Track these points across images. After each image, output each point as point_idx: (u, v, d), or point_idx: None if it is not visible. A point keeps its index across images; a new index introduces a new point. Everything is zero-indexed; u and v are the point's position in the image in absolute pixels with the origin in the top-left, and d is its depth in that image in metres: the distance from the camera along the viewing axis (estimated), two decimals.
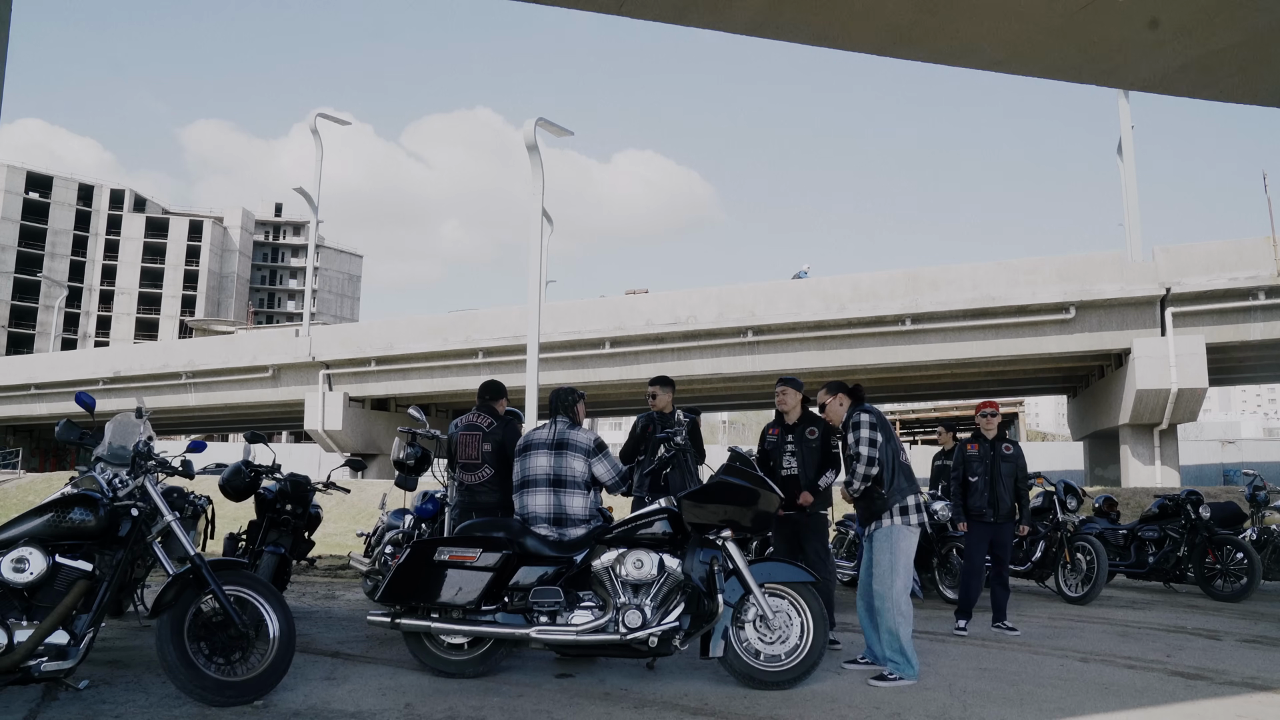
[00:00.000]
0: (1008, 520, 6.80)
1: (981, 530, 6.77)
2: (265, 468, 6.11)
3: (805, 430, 6.32)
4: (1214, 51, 6.27)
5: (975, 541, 6.81)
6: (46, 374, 40.24)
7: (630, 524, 4.72)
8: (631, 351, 27.72)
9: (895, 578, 4.95)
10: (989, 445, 6.87)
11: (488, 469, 5.47)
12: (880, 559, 5.02)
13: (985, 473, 6.77)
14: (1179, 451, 25.92)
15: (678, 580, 4.58)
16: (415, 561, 4.67)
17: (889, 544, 5.01)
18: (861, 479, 5.04)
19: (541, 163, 17.26)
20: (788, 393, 6.41)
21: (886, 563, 4.99)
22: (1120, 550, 9.42)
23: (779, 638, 4.64)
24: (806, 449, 6.25)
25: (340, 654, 5.28)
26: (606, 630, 4.52)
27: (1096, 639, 6.22)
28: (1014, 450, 6.91)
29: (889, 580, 4.96)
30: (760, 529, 4.76)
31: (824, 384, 5.53)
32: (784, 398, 6.40)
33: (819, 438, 6.25)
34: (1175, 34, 5.90)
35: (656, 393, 6.77)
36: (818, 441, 6.23)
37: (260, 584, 4.26)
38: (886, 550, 5.01)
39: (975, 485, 6.82)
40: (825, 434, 6.26)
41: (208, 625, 4.06)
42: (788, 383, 6.48)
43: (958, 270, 24.96)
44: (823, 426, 6.31)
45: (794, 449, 6.24)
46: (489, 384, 5.90)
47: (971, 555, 6.83)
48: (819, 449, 6.21)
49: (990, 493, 6.73)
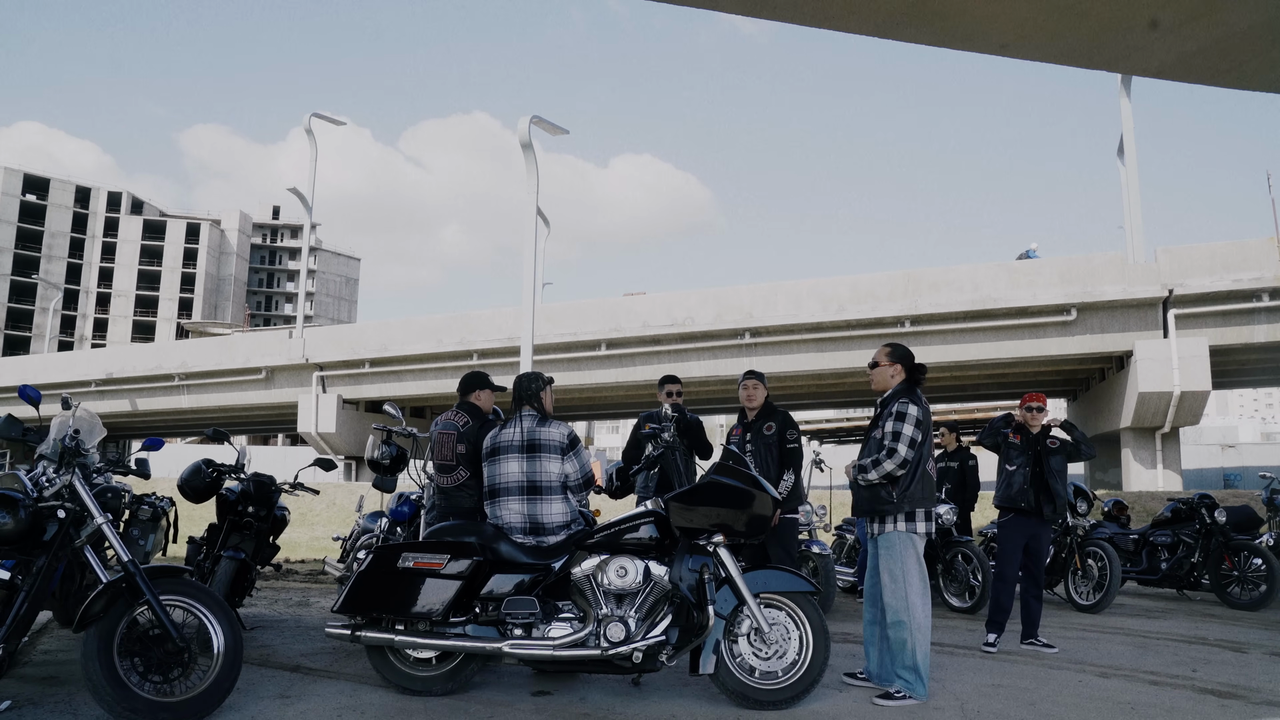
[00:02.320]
0: (1053, 521, 6.12)
1: (1018, 526, 6.03)
2: (228, 467, 5.71)
3: (763, 426, 6.00)
4: (1233, 34, 5.91)
5: (1007, 539, 6.06)
6: (38, 375, 39.73)
7: (614, 528, 4.34)
8: (628, 354, 27.34)
9: (909, 589, 4.54)
10: (1032, 438, 6.18)
11: (463, 471, 5.06)
12: (891, 568, 4.59)
13: (1026, 464, 6.05)
14: (1181, 455, 25.58)
15: (665, 590, 4.20)
16: (377, 568, 4.28)
17: (898, 553, 4.58)
18: (881, 474, 4.52)
19: (536, 160, 16.92)
20: (758, 387, 6.12)
21: (899, 573, 4.56)
22: (1131, 556, 9.03)
23: (776, 652, 4.25)
24: (763, 446, 5.91)
25: (301, 668, 4.88)
26: (587, 644, 4.13)
27: (1114, 651, 5.83)
28: (1059, 445, 6.25)
29: (902, 592, 4.54)
30: (755, 533, 4.36)
31: (889, 345, 4.87)
32: (753, 392, 6.12)
33: (775, 433, 5.92)
34: (1191, 15, 5.55)
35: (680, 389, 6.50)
36: (774, 437, 5.91)
37: (204, 593, 3.88)
38: (897, 559, 4.58)
39: (1013, 475, 6.07)
40: (782, 429, 5.94)
41: (143, 639, 3.67)
42: (756, 376, 6.17)
43: (958, 271, 24.61)
44: (780, 421, 5.99)
45: (752, 447, 5.90)
46: (466, 377, 5.43)
47: (1003, 556, 6.09)
48: (775, 445, 5.89)
49: (1038, 486, 5.99)
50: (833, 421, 47.85)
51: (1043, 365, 26.45)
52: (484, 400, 5.31)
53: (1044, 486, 6.04)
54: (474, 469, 4.98)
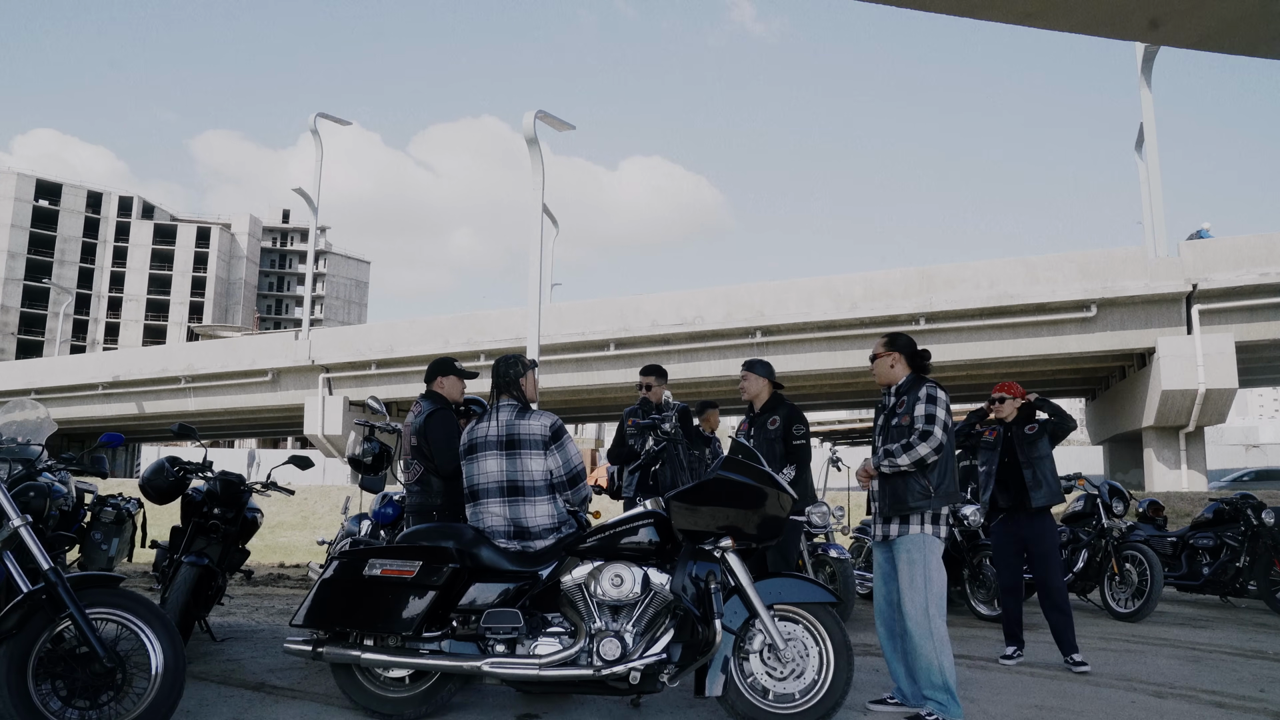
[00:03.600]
0: (1041, 512, 5.45)
1: (1006, 526, 5.57)
2: (194, 465, 5.24)
3: (767, 420, 5.54)
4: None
5: (998, 544, 5.68)
6: (46, 379, 39.64)
7: (608, 531, 3.84)
8: (637, 353, 26.83)
9: (928, 597, 4.04)
10: (1006, 429, 5.70)
11: (416, 466, 4.59)
12: (911, 571, 4.07)
13: (994, 459, 5.61)
14: (1206, 455, 24.93)
15: (666, 600, 3.70)
16: (341, 577, 3.81)
17: (920, 555, 4.07)
18: (913, 459, 4.01)
19: (541, 155, 16.47)
20: (749, 378, 5.67)
21: (920, 581, 4.04)
22: (1169, 560, 8.48)
23: (792, 671, 3.75)
24: (765, 440, 5.44)
25: (265, 686, 4.40)
26: (578, 663, 3.64)
27: (1165, 666, 5.30)
28: (1038, 429, 5.63)
29: (922, 601, 4.04)
30: (768, 537, 3.85)
31: (886, 335, 4.46)
32: (744, 384, 5.69)
33: (779, 427, 5.47)
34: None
35: (651, 383, 5.98)
36: (778, 431, 5.46)
37: (142, 605, 3.40)
38: (919, 563, 4.06)
39: (982, 476, 5.69)
40: (787, 423, 5.47)
41: (68, 659, 3.20)
42: (750, 366, 5.70)
43: (974, 268, 24.07)
44: (785, 415, 5.51)
45: (755, 442, 5.41)
46: (432, 363, 4.96)
47: (998, 563, 5.71)
48: (779, 439, 5.44)
49: (1013, 477, 5.48)
50: (845, 422, 47.14)
51: (1062, 363, 25.87)
52: (448, 388, 4.79)
53: (1017, 476, 5.48)
54: (431, 464, 4.49)
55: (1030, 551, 5.53)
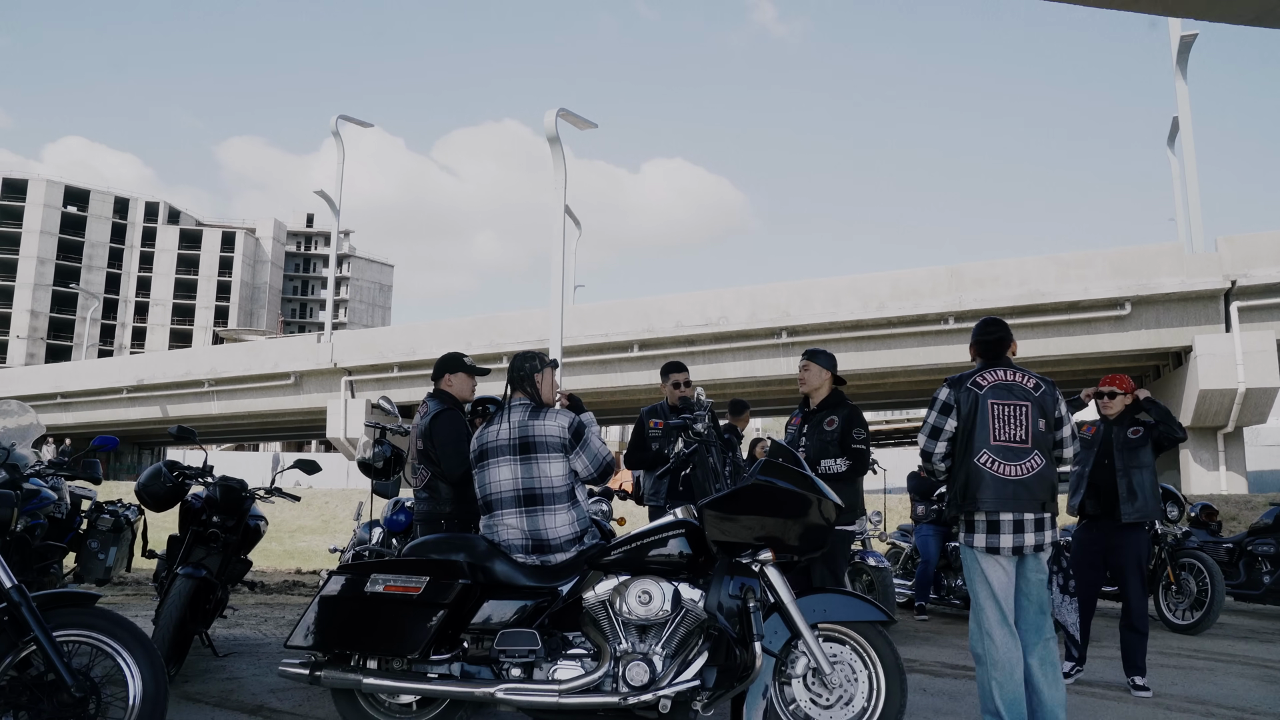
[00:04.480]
0: (1135, 526, 4.95)
1: (1088, 534, 5.11)
2: (193, 470, 4.94)
3: (825, 419, 4.92)
4: None
5: (1076, 550, 5.20)
6: (72, 383, 39.91)
7: (635, 542, 3.47)
8: (661, 354, 26.43)
9: (979, 615, 3.68)
10: (1108, 429, 5.21)
11: (424, 471, 4.27)
12: (970, 587, 3.79)
13: (1089, 459, 5.09)
14: (1245, 456, 24.22)
15: (699, 619, 3.34)
16: (342, 593, 3.47)
17: (966, 570, 3.83)
18: (924, 466, 3.93)
19: (563, 154, 16.19)
20: (810, 368, 5.04)
21: (972, 595, 3.76)
22: (1226, 567, 8.01)
23: (840, 698, 3.38)
24: (820, 442, 4.85)
25: (264, 709, 4.09)
26: (601, 689, 3.28)
27: (1239, 687, 4.87)
28: (1143, 434, 5.12)
29: (974, 615, 3.72)
30: (812, 548, 3.48)
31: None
32: (805, 374, 5.05)
33: (837, 429, 4.84)
34: None
35: (688, 379, 5.62)
36: (835, 433, 4.83)
37: (120, 626, 3.08)
38: (968, 578, 3.79)
39: (1073, 477, 5.18)
40: (846, 426, 4.85)
41: (33, 687, 2.89)
42: (812, 356, 5.11)
43: (1004, 265, 23.55)
44: (844, 416, 4.89)
45: (808, 442, 4.88)
46: (440, 359, 4.61)
47: (1076, 570, 5.22)
48: (835, 444, 4.82)
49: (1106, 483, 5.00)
50: (872, 424, 46.69)
51: (1094, 363, 25.25)
52: (457, 385, 4.46)
53: (1111, 483, 5.00)
54: (438, 468, 4.17)
55: (1113, 564, 5.04)
